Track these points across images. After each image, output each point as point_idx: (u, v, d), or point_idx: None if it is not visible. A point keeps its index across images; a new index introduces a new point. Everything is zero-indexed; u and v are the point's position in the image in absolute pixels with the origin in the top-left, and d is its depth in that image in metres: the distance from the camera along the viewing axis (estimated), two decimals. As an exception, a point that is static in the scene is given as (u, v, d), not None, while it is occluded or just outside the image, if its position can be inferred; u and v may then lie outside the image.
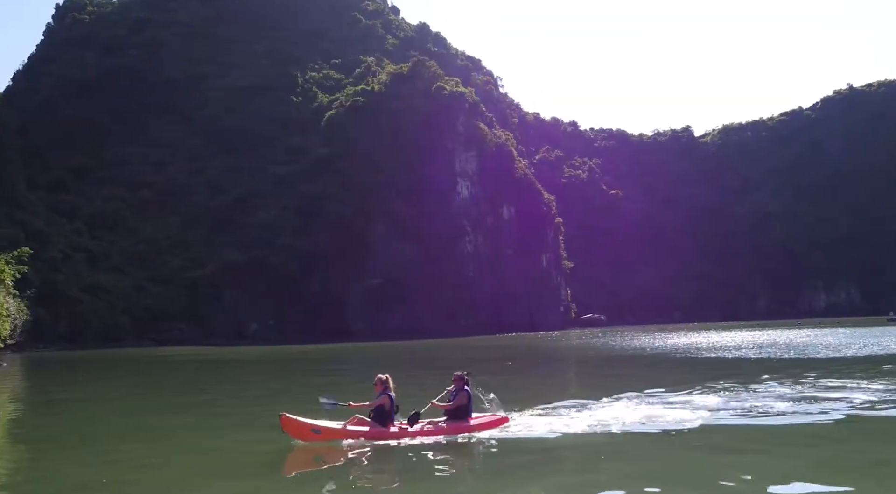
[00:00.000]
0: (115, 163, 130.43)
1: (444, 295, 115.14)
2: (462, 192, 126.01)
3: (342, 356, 57.52)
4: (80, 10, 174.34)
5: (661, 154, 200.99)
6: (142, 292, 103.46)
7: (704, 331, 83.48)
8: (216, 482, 10.65)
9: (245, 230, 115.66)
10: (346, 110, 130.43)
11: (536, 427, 14.12)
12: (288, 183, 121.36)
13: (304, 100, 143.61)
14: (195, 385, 32.16)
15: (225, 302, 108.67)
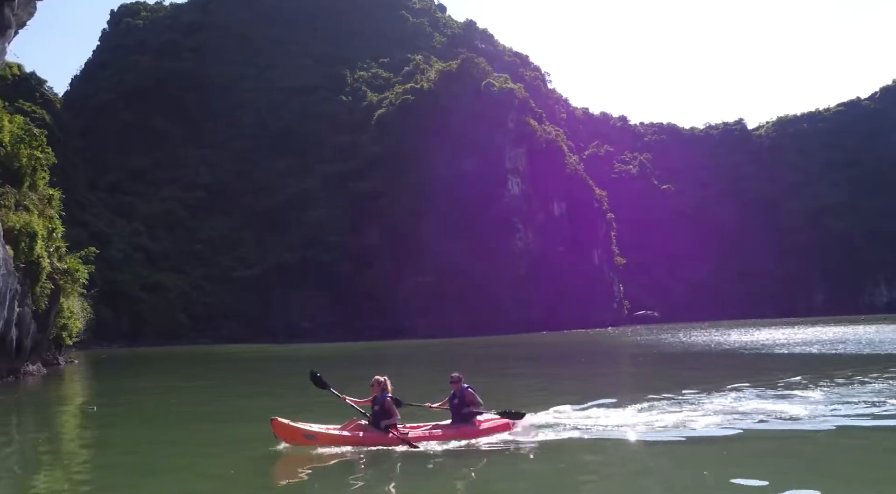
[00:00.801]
0: (171, 165, 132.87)
1: (496, 292, 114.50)
2: (512, 188, 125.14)
3: (395, 353, 57.62)
4: (133, 15, 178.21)
5: (713, 148, 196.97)
6: (199, 290, 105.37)
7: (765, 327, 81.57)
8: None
9: (296, 230, 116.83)
10: (395, 109, 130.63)
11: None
12: (338, 182, 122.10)
13: (353, 99, 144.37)
14: (268, 379, 32.56)
15: (278, 301, 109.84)
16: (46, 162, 36.16)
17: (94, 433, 16.41)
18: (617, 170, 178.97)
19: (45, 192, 36.13)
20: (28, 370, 33.90)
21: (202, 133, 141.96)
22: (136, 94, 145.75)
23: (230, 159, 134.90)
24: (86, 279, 39.83)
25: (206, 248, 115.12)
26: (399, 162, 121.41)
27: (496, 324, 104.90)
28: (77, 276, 38.02)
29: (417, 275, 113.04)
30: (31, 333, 32.88)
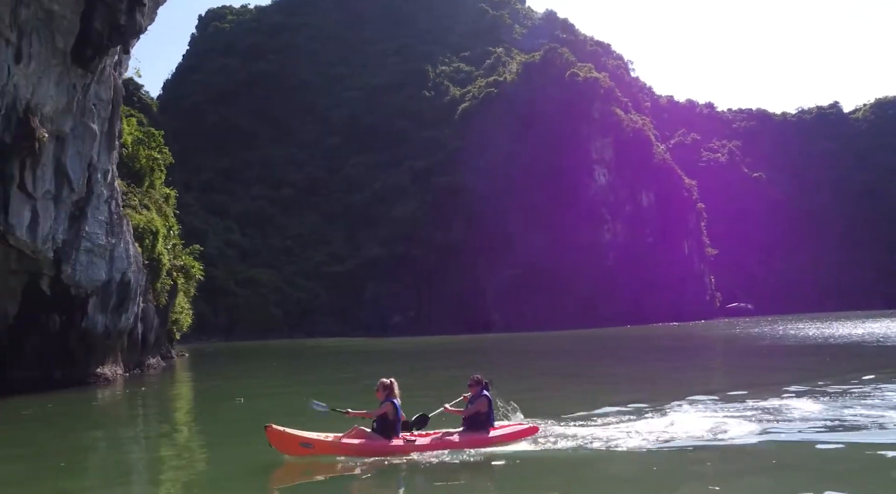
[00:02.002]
0: (260, 164, 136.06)
1: (584, 285, 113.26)
2: (599, 179, 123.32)
3: (480, 347, 57.52)
4: (220, 19, 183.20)
5: (806, 133, 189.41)
6: (291, 285, 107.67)
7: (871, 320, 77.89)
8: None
9: (386, 225, 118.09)
10: (479, 102, 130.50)
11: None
12: (424, 177, 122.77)
13: (436, 94, 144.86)
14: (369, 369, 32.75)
15: (368, 295, 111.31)
16: (164, 162, 37.41)
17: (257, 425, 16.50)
18: (705, 159, 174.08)
19: (162, 191, 37.35)
20: (149, 362, 35.07)
21: (288, 132, 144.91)
22: (225, 96, 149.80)
23: (319, 157, 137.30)
24: (202, 275, 41.08)
25: (296, 244, 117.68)
26: (483, 155, 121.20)
27: (584, 317, 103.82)
28: (192, 272, 39.22)
29: (504, 268, 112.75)
30: (154, 327, 34.02)
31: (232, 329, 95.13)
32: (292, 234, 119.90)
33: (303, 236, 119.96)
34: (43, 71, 23.19)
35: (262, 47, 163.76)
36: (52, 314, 25.56)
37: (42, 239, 23.65)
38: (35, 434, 16.18)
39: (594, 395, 18.75)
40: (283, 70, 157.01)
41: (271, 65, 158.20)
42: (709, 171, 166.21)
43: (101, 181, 26.21)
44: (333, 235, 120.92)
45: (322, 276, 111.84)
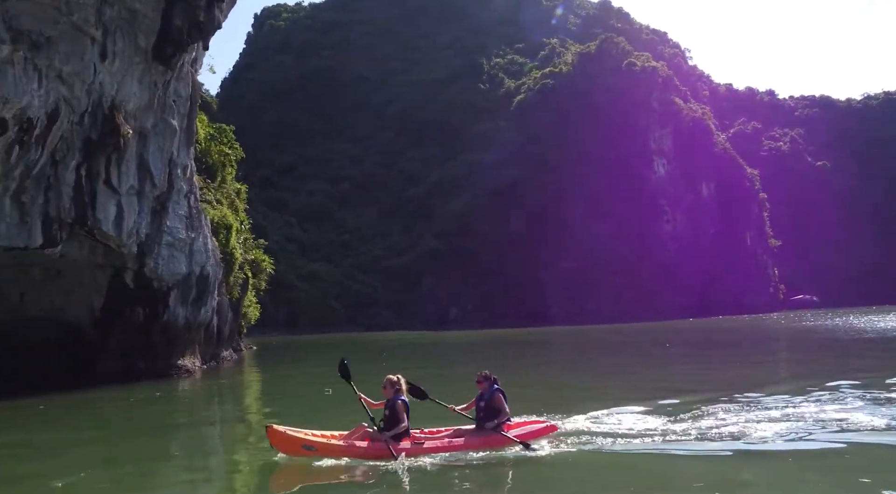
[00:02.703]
0: (317, 159, 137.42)
1: (644, 277, 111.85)
2: (658, 170, 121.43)
3: (539, 339, 57.20)
4: (275, 17, 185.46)
5: (873, 120, 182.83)
6: (350, 279, 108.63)
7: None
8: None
9: (441, 218, 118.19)
10: (534, 94, 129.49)
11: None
12: (480, 170, 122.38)
13: (490, 87, 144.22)
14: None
15: (426, 289, 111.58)
16: (235, 158, 38.00)
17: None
18: (766, 147, 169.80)
19: (233, 186, 37.94)
20: (223, 355, 35.67)
21: (344, 128, 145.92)
22: (281, 93, 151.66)
23: (374, 151, 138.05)
24: (272, 269, 41.69)
25: (354, 238, 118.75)
26: (540, 147, 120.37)
27: (644, 310, 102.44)
28: (262, 266, 39.80)
29: (562, 261, 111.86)
30: (228, 321, 34.59)
31: (293, 323, 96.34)
32: (350, 228, 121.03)
33: (360, 230, 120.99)
34: (126, 69, 23.67)
35: (317, 44, 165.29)
36: (135, 307, 26.16)
37: (127, 233, 24.19)
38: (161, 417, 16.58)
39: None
40: (337, 66, 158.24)
41: (326, 61, 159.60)
42: (770, 160, 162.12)
43: (181, 176, 26.70)
44: (390, 228, 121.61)
45: (380, 270, 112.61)
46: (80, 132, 22.41)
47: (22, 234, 21.44)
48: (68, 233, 22.61)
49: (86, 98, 22.29)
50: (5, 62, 19.52)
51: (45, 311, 25.17)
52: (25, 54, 20.15)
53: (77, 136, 22.35)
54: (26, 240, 21.57)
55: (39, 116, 20.67)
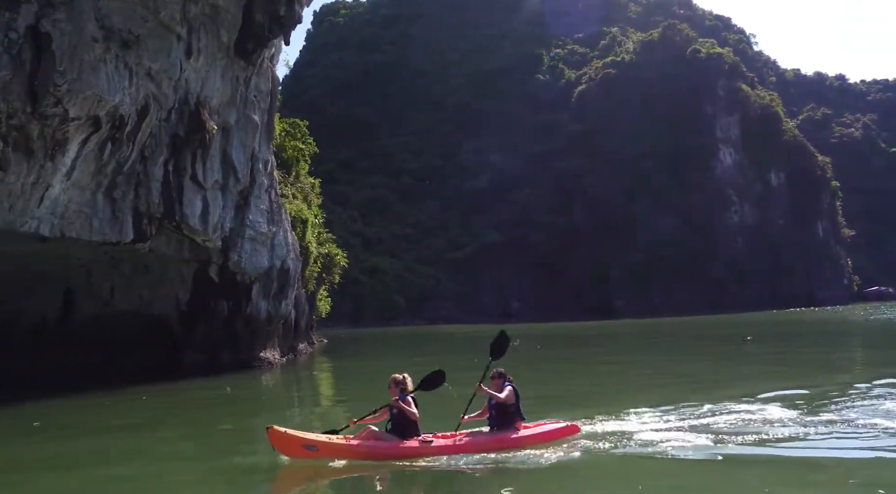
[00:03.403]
0: (378, 153, 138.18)
1: (712, 269, 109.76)
2: (725, 159, 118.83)
3: (603, 333, 56.38)
4: (334, 14, 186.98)
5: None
6: (412, 272, 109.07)
7: None
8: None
9: (503, 210, 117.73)
10: (596, 84, 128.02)
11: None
12: (541, 162, 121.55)
13: (550, 78, 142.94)
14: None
15: (488, 281, 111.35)
16: (308, 153, 38.33)
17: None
18: (837, 134, 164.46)
19: (307, 180, 38.26)
20: (299, 348, 36.05)
21: (404, 121, 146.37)
22: (341, 88, 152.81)
23: (434, 144, 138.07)
24: (345, 263, 41.99)
25: (416, 231, 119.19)
26: (602, 138, 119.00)
27: (711, 303, 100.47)
28: (336, 260, 40.09)
29: (627, 253, 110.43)
30: (305, 314, 34.92)
31: (357, 316, 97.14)
32: (412, 221, 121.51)
33: (422, 223, 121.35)
34: (210, 65, 23.95)
35: (376, 39, 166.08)
36: (219, 300, 26.53)
37: (212, 228, 24.51)
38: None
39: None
40: (397, 60, 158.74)
41: (386, 55, 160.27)
42: (842, 147, 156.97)
43: (262, 171, 26.97)
44: (451, 221, 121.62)
45: (442, 262, 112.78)
46: (168, 128, 22.78)
47: (114, 229, 21.88)
48: (157, 228, 23.01)
49: (173, 95, 22.63)
50: (99, 61, 19.88)
51: (133, 305, 25.72)
52: (116, 52, 20.52)
53: (165, 132, 22.72)
54: (118, 235, 22.01)
55: (130, 114, 21.04)
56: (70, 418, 17.04)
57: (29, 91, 18.12)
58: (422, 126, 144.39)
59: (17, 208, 19.39)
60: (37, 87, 18.24)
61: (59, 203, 20.44)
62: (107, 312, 25.48)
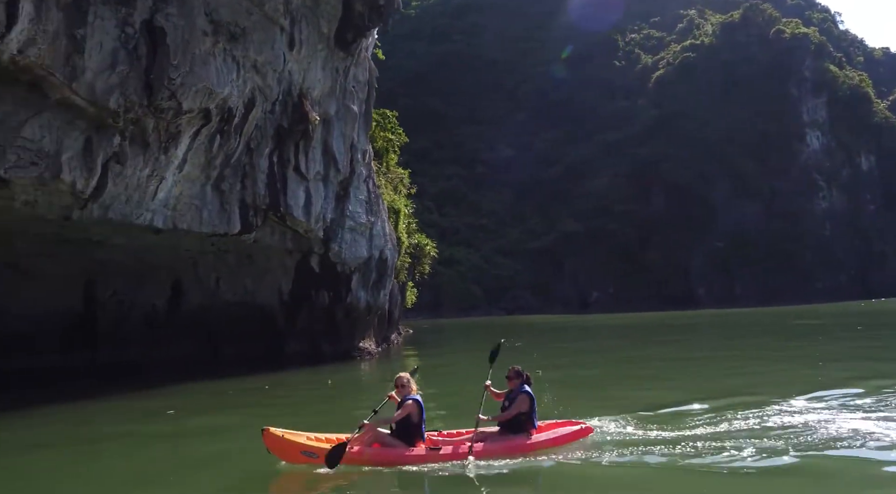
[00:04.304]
0: (451, 144, 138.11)
1: (798, 257, 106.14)
2: (812, 143, 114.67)
3: (684, 323, 54.93)
4: (406, 5, 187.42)
5: None
6: (489, 263, 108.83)
7: None
8: None
9: (579, 200, 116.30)
10: (674, 69, 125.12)
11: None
12: (619, 149, 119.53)
13: (626, 64, 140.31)
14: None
15: (566, 271, 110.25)
16: (398, 143, 38.37)
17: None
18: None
19: (397, 171, 38.32)
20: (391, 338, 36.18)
21: (478, 111, 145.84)
22: (414, 80, 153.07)
23: (509, 133, 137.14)
24: (435, 253, 41.98)
25: (491, 221, 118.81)
26: (681, 124, 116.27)
27: (797, 292, 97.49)
28: (426, 250, 40.08)
29: (708, 241, 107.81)
30: (398, 304, 35.01)
31: (435, 307, 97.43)
32: (486, 212, 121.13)
33: (498, 213, 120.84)
34: (311, 56, 24.05)
35: (448, 29, 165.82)
36: (321, 290, 26.73)
37: (315, 218, 24.67)
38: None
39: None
40: (469, 50, 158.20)
41: (457, 46, 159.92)
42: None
43: (361, 161, 27.03)
44: (528, 211, 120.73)
45: (519, 253, 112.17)
46: (272, 120, 22.97)
47: (222, 221, 22.20)
48: (263, 219, 23.25)
49: (277, 87, 22.80)
50: (208, 54, 20.13)
51: (238, 295, 26.13)
52: (224, 46, 20.75)
53: (269, 124, 22.93)
54: (226, 227, 22.33)
55: (238, 106, 21.27)
56: (197, 404, 17.28)
57: (145, 85, 18.42)
58: (495, 116, 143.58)
59: (133, 201, 19.82)
60: (152, 81, 18.51)
61: (171, 195, 20.84)
62: (213, 302, 25.95)
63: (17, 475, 9.94)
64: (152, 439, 12.37)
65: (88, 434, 13.25)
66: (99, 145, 18.06)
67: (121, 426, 13.75)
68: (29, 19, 14.60)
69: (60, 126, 17.10)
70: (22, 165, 16.54)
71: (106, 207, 19.01)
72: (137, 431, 13.14)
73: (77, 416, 15.72)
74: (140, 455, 11.14)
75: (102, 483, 9.49)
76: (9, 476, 9.82)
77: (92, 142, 17.93)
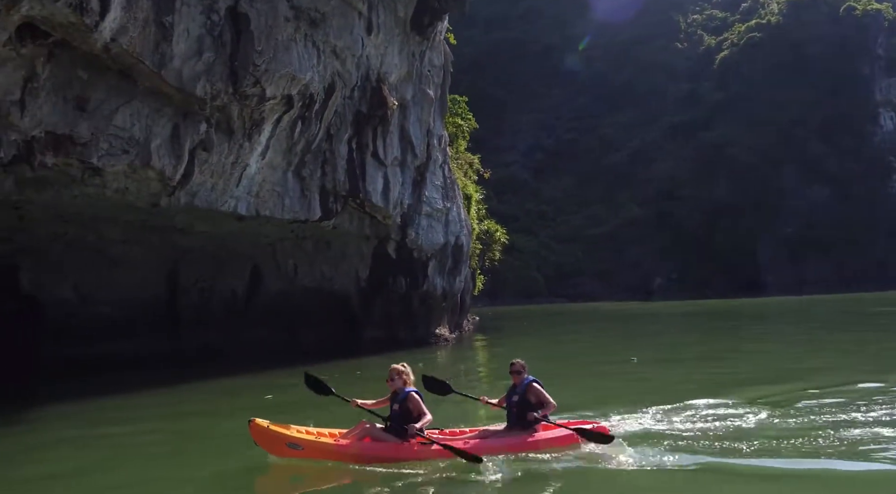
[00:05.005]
0: (510, 130, 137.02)
1: (870, 243, 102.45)
2: (885, 124, 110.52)
3: (752, 311, 53.45)
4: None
5: None
6: (549, 250, 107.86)
7: None
8: None
9: (642, 185, 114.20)
10: (739, 49, 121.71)
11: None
12: (683, 133, 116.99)
13: (689, 45, 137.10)
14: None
15: (629, 258, 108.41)
16: (467, 128, 38.07)
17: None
18: None
19: (466, 157, 38.03)
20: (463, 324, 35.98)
21: (536, 97, 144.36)
22: (470, 67, 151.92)
23: (568, 119, 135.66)
24: (505, 239, 41.71)
25: (552, 208, 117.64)
26: (748, 106, 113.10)
27: (871, 279, 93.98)
28: (497, 236, 39.81)
29: (777, 226, 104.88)
30: (469, 291, 34.81)
31: (496, 294, 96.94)
32: (547, 198, 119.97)
33: (558, 199, 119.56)
34: (388, 41, 23.89)
35: (504, 16, 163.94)
36: (397, 276, 26.66)
37: (393, 204, 24.59)
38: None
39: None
40: (525, 36, 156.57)
41: (514, 32, 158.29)
42: None
43: (437, 146, 26.85)
44: (589, 197, 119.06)
45: (580, 239, 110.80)
46: (351, 106, 22.91)
47: (303, 207, 22.25)
48: (342, 205, 23.23)
49: (355, 72, 22.70)
50: (290, 40, 20.10)
51: (316, 282, 26.24)
52: (305, 31, 20.71)
53: (349, 109, 22.87)
54: (307, 213, 22.38)
55: (319, 92, 21.23)
56: (292, 389, 17.26)
57: (230, 72, 18.46)
58: (554, 102, 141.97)
59: (218, 188, 19.97)
60: (237, 67, 18.54)
61: (254, 182, 20.95)
62: (291, 288, 26.12)
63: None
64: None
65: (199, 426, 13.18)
66: (186, 133, 18.20)
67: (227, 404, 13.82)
68: (121, 7, 14.67)
69: (149, 114, 17.26)
70: (114, 153, 16.75)
71: (192, 194, 19.20)
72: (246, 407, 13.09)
73: (170, 397, 15.89)
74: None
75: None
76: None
77: (179, 129, 18.08)
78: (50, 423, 13.11)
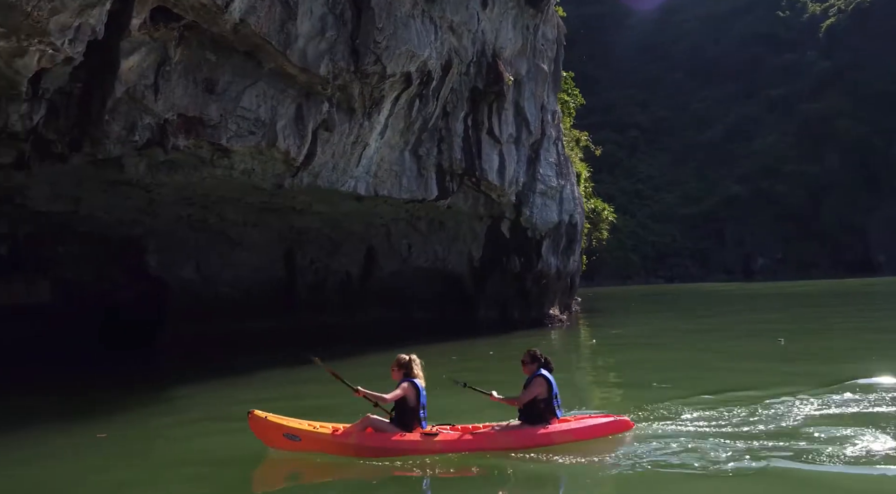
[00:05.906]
0: (602, 107, 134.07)
1: None
2: None
3: (863, 292, 50.21)
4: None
5: None
6: (646, 230, 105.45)
7: None
8: None
9: (742, 161, 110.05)
10: (848, 16, 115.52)
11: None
12: (785, 106, 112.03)
13: (791, 13, 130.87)
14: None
15: (728, 237, 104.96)
16: (574, 105, 37.13)
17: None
18: None
19: (573, 134, 37.11)
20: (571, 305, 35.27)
21: (628, 72, 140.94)
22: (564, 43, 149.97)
23: (663, 95, 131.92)
24: (613, 218, 40.74)
25: (647, 186, 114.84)
26: (857, 75, 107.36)
27: None
28: (604, 215, 38.88)
29: (888, 203, 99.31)
30: (578, 271, 34.05)
31: (593, 274, 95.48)
32: (642, 176, 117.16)
33: (653, 178, 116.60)
34: (503, 14, 23.32)
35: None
36: (511, 256, 26.20)
37: (508, 182, 24.09)
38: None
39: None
40: (616, 10, 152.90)
41: (604, 6, 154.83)
42: None
43: (551, 123, 26.17)
44: (685, 175, 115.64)
45: (677, 218, 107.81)
46: (467, 82, 22.48)
47: (420, 187, 22.01)
48: (458, 184, 22.88)
49: (471, 47, 22.23)
50: (408, 16, 19.76)
51: (429, 262, 26.04)
52: (423, 7, 20.32)
53: (465, 86, 22.43)
54: (424, 192, 22.13)
55: (436, 68, 20.85)
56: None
57: (352, 51, 18.27)
58: (647, 77, 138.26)
59: (339, 168, 19.89)
60: (358, 46, 18.33)
61: (373, 162, 20.80)
62: (404, 268, 26.01)
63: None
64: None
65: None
66: (309, 113, 18.14)
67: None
68: (249, -13, 14.62)
69: (274, 95, 17.24)
70: (241, 134, 16.81)
71: (315, 174, 19.17)
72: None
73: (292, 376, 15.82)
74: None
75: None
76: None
77: (302, 109, 18.03)
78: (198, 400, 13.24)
